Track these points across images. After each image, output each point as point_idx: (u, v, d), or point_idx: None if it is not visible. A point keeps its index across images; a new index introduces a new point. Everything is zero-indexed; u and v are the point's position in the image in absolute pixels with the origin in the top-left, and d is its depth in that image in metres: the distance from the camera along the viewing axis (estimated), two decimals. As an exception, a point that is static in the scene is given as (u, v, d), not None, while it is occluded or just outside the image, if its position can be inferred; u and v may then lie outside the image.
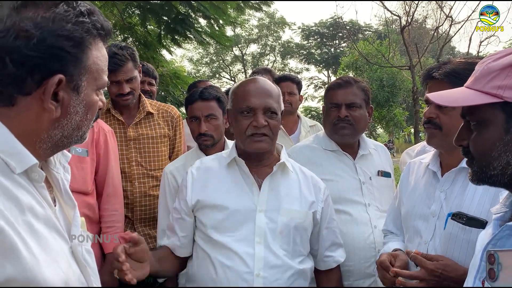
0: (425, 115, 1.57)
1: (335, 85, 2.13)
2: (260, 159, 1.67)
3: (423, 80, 1.62)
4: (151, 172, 2.46)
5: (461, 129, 1.01)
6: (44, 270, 0.81)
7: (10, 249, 0.76)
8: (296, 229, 1.62)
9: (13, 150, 0.85)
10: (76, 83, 0.90)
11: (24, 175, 0.87)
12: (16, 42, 0.83)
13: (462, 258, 1.43)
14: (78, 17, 0.88)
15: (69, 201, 1.00)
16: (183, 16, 4.88)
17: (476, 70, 0.97)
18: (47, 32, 0.84)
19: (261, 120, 1.58)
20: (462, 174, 1.53)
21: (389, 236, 1.85)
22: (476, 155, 0.96)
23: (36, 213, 0.86)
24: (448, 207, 1.51)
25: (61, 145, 0.94)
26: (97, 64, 0.93)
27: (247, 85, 1.67)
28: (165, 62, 5.88)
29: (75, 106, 0.91)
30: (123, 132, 2.45)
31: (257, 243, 1.55)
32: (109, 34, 0.96)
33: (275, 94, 1.66)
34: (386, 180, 2.19)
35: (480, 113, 0.94)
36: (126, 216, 2.38)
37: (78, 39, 0.88)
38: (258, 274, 1.51)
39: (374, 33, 26.19)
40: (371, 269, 2.00)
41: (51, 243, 0.87)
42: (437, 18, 10.90)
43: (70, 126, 0.92)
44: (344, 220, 2.02)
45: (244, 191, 1.62)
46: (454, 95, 1.00)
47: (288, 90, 3.21)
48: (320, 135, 2.23)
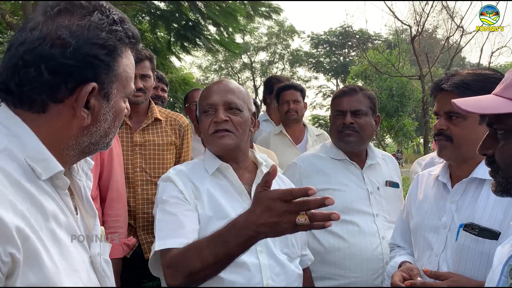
0: (435, 127, 1.54)
1: (341, 93, 2.13)
2: (237, 161, 1.59)
3: (431, 92, 1.61)
4: (155, 179, 2.43)
5: (487, 138, 0.98)
6: (64, 280, 0.80)
7: (34, 257, 0.76)
8: None
9: (40, 156, 0.84)
10: (107, 91, 0.90)
11: (49, 181, 0.86)
12: (52, 50, 0.83)
13: (475, 270, 1.40)
14: (112, 26, 0.89)
15: (90, 209, 1.00)
16: (193, 23, 4.92)
17: (507, 77, 0.94)
18: (83, 41, 0.84)
19: (220, 115, 1.53)
20: (473, 185, 1.50)
21: (396, 249, 1.82)
22: (502, 165, 0.93)
23: (59, 221, 0.85)
24: (459, 219, 1.48)
25: (87, 151, 0.94)
26: (127, 72, 0.94)
27: (209, 87, 1.65)
28: (174, 69, 5.92)
29: (105, 113, 0.91)
30: (129, 137, 2.44)
31: (259, 252, 1.50)
32: (139, 43, 0.97)
33: (239, 91, 1.59)
34: (394, 191, 2.16)
35: (509, 121, 0.91)
36: (129, 223, 2.36)
37: (112, 47, 0.88)
38: (268, 284, 1.48)
39: (384, 43, 26.14)
40: (379, 281, 1.97)
41: (72, 252, 0.86)
42: (448, 28, 10.84)
43: (99, 133, 0.92)
44: (351, 230, 1.99)
45: (236, 201, 1.55)
46: (482, 102, 0.97)
47: (293, 98, 3.22)
48: (328, 145, 2.21)
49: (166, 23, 4.95)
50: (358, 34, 28.15)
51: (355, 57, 34.39)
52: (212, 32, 5.38)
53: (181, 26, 4.92)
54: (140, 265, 2.25)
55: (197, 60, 36.42)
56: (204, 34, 5.10)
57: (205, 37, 5.12)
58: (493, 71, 1.50)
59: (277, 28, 37.45)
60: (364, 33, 30.69)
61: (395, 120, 21.04)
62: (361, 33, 29.70)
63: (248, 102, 1.62)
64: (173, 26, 4.97)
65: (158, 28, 5.16)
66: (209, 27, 5.31)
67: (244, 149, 1.63)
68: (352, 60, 34.82)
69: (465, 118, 1.46)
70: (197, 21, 4.98)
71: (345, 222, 1.99)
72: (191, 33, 4.91)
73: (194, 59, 34.15)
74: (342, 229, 1.99)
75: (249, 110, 1.62)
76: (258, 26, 31.94)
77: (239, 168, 1.61)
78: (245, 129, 1.58)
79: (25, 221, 0.75)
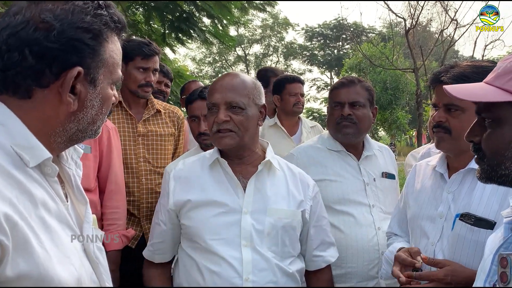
0: (434, 119, 1.54)
1: (339, 84, 2.12)
2: (240, 157, 1.61)
3: (430, 84, 1.60)
4: (157, 169, 2.44)
5: (474, 125, 0.99)
6: (57, 266, 0.80)
7: (23, 244, 0.75)
8: (284, 229, 1.57)
9: (27, 143, 0.83)
10: (93, 76, 0.89)
11: (37, 169, 0.85)
12: (35, 33, 0.82)
13: (470, 259, 1.41)
14: (97, 10, 0.88)
15: (80, 197, 0.99)
16: (187, 14, 4.88)
17: (498, 66, 0.94)
18: (67, 24, 0.83)
19: (220, 115, 1.53)
20: (469, 176, 1.51)
21: (393, 237, 1.84)
22: (488, 153, 0.94)
23: (48, 208, 0.84)
24: (455, 208, 1.49)
25: (75, 139, 0.93)
26: (113, 57, 0.93)
27: (215, 81, 1.64)
28: (168, 61, 5.88)
29: (92, 99, 0.90)
30: (132, 127, 2.44)
31: (243, 246, 1.50)
32: (125, 28, 0.96)
33: (243, 88, 1.57)
34: (391, 182, 2.17)
35: (497, 110, 0.91)
36: (133, 214, 2.36)
37: (97, 31, 0.87)
38: (247, 278, 1.47)
39: (378, 35, 26.16)
40: (374, 271, 1.98)
41: (64, 238, 0.86)
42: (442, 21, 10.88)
43: (86, 120, 0.91)
44: (347, 221, 2.00)
45: (228, 193, 1.56)
46: (473, 89, 0.97)
47: (301, 91, 3.24)
48: (325, 136, 2.21)
49: (160, 14, 4.91)
50: (353, 27, 28.13)
51: (349, 50, 34.43)
52: (207, 24, 5.35)
53: (175, 18, 4.88)
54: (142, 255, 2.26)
55: (191, 53, 36.27)
56: (199, 26, 5.07)
57: (200, 29, 5.09)
58: (492, 63, 1.50)
59: (271, 20, 37.35)
60: (359, 26, 30.71)
61: (389, 112, 21.15)
62: (355, 26, 29.70)
63: (254, 96, 1.59)
64: (167, 18, 4.93)
65: (152, 20, 5.12)
66: (203, 19, 5.27)
67: (249, 145, 1.62)
68: (346, 53, 34.86)
69: (464, 111, 1.46)
70: (191, 12, 4.95)
71: (341, 213, 2.00)
72: (185, 24, 4.87)
73: (188, 51, 34.02)
74: (338, 220, 1.99)
75: (256, 104, 1.60)
76: (252, 19, 31.82)
77: (241, 163, 1.62)
78: (248, 127, 1.57)
79: (14, 208, 0.75)
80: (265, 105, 1.65)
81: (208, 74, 37.31)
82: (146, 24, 5.22)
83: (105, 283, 0.98)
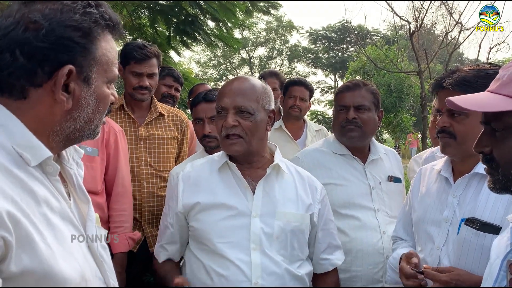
0: (438, 125, 1.54)
1: (344, 88, 2.12)
2: (249, 161, 1.62)
3: (432, 89, 1.60)
4: (159, 172, 2.45)
5: (482, 135, 0.98)
6: (60, 262, 0.81)
7: (26, 240, 0.76)
8: (293, 233, 1.57)
9: (28, 143, 0.85)
10: (87, 75, 0.90)
11: (39, 168, 0.87)
12: (25, 34, 0.83)
13: (476, 264, 1.41)
14: (86, 8, 0.89)
15: (83, 196, 1.01)
16: (192, 18, 4.89)
17: (502, 74, 0.94)
18: (56, 23, 0.85)
19: (229, 120, 1.53)
20: (475, 180, 1.51)
21: (398, 242, 1.84)
22: (502, 163, 0.93)
23: (51, 206, 0.86)
24: (461, 213, 1.49)
25: (73, 138, 0.94)
26: (107, 56, 0.94)
27: (225, 85, 1.64)
28: (173, 64, 5.89)
29: (86, 98, 0.91)
30: (134, 130, 2.45)
31: (252, 250, 1.50)
32: (118, 26, 0.96)
33: (252, 92, 1.56)
34: (396, 186, 2.16)
35: (508, 119, 0.91)
36: (134, 217, 2.36)
37: (86, 29, 0.88)
38: (257, 282, 1.47)
39: (383, 38, 26.12)
40: (379, 275, 1.98)
41: (67, 236, 0.87)
42: (447, 24, 10.84)
43: (82, 118, 0.92)
44: (352, 225, 2.00)
45: (237, 196, 1.56)
46: (481, 100, 0.96)
47: (301, 95, 3.18)
48: (330, 139, 2.21)
49: (165, 18, 4.92)
50: (357, 30, 28.06)
51: (354, 53, 34.36)
52: (212, 27, 5.35)
53: (180, 21, 4.89)
54: (144, 259, 2.26)
55: (196, 56, 36.32)
56: (204, 29, 5.07)
57: (205, 32, 5.09)
58: (494, 66, 1.49)
59: (275, 23, 37.33)
60: (363, 29, 30.63)
61: (393, 115, 21.06)
62: (360, 29, 29.62)
63: (263, 101, 1.59)
64: (172, 21, 4.94)
65: (157, 23, 5.13)
66: (208, 22, 5.28)
67: (257, 150, 1.62)
68: (351, 56, 34.78)
69: (468, 116, 1.46)
70: (196, 15, 4.95)
71: (346, 216, 2.01)
72: (190, 28, 4.88)
73: (193, 54, 34.07)
74: (344, 223, 1.99)
75: (265, 109, 1.59)
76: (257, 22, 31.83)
77: (251, 167, 1.62)
78: (255, 132, 1.57)
79: (16, 206, 0.76)
80: (274, 110, 1.65)
81: (213, 77, 37.32)
82: (151, 27, 5.23)
83: (110, 280, 0.99)
